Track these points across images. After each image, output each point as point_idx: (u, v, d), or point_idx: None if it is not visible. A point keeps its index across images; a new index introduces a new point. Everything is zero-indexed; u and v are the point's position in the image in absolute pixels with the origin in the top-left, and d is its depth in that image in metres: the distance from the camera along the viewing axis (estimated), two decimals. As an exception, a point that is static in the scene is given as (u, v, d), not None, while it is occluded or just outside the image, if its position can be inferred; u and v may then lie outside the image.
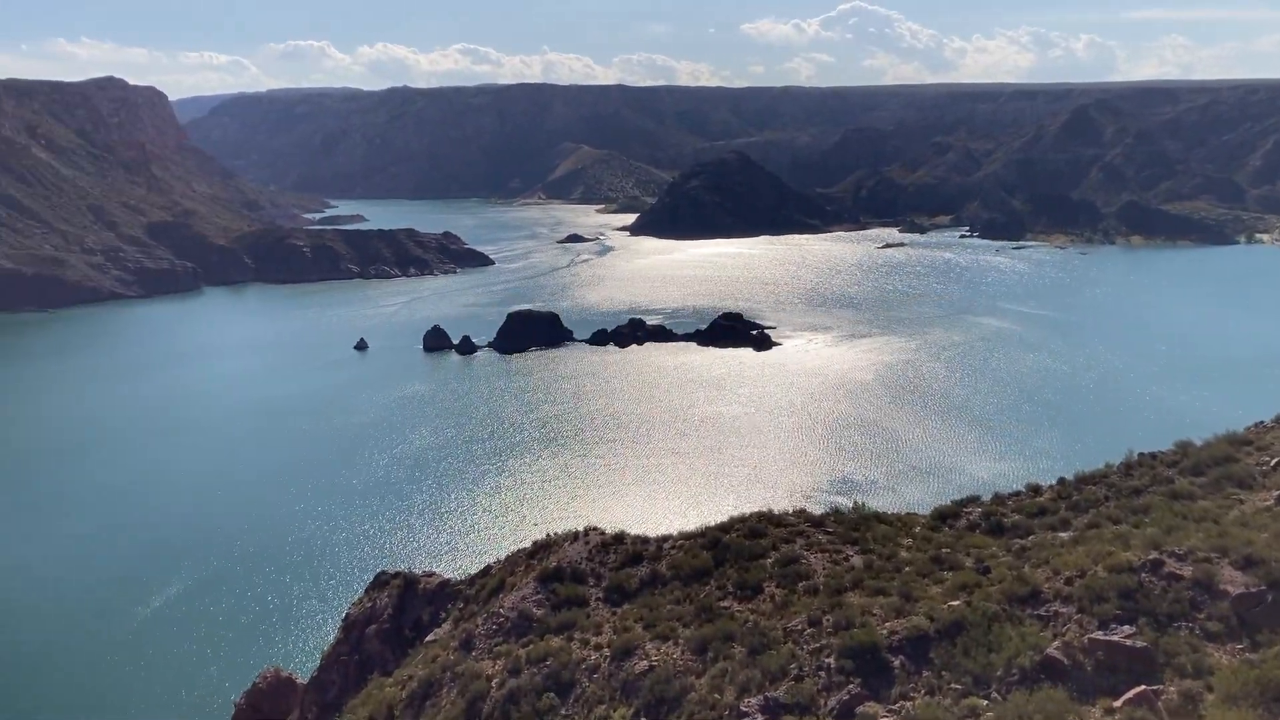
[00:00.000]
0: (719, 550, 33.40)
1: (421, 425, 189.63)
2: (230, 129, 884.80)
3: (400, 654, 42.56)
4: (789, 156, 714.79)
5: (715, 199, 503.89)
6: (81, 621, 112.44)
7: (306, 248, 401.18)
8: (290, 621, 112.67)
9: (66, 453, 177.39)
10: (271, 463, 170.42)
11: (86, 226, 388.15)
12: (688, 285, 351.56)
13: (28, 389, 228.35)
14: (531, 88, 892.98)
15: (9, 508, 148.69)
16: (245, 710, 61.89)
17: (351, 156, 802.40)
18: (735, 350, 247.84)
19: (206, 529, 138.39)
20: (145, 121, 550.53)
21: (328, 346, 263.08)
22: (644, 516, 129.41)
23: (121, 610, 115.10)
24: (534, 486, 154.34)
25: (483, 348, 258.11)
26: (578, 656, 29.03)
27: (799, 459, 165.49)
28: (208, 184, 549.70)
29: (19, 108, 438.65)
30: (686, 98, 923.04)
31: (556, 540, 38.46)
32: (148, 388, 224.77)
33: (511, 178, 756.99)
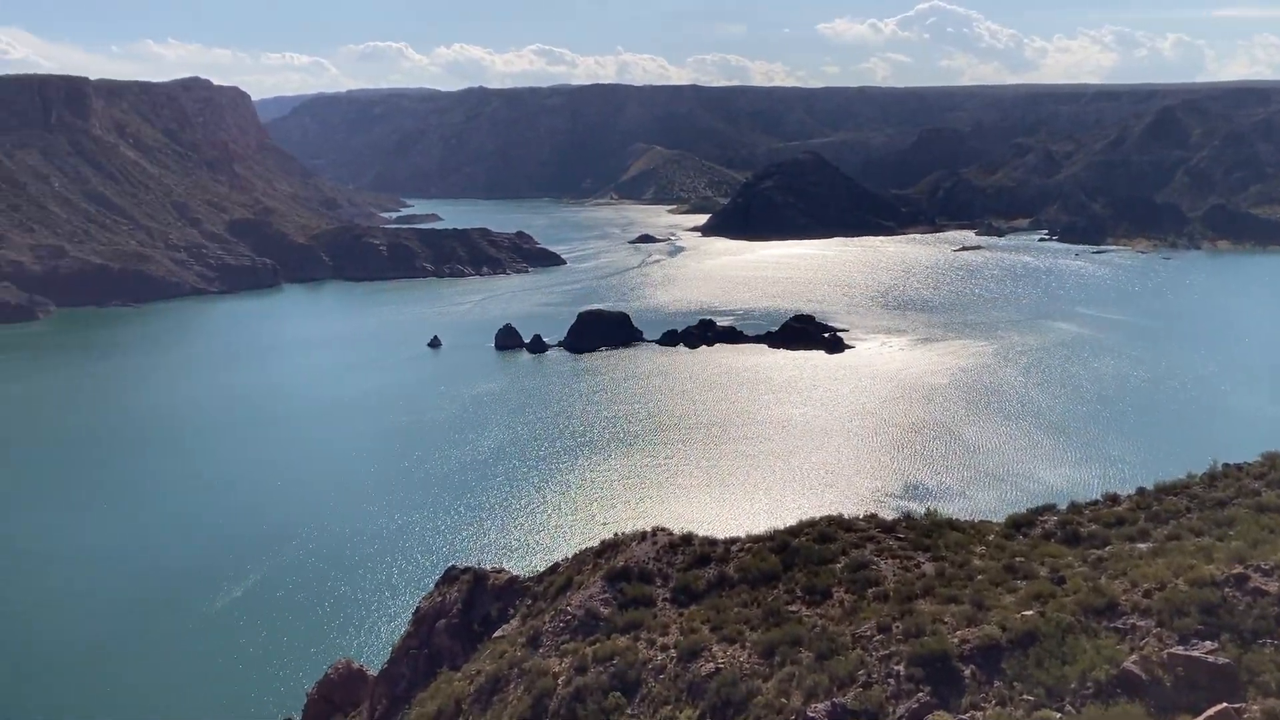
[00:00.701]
0: (788, 554, 33.17)
1: (493, 423, 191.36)
2: (310, 129, 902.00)
3: (469, 649, 42.96)
4: (864, 157, 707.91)
5: (788, 200, 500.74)
6: (163, 609, 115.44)
7: (383, 246, 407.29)
8: (362, 614, 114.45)
9: (151, 443, 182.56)
10: (348, 457, 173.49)
11: (171, 223, 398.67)
12: (759, 286, 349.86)
13: (115, 381, 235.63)
14: (605, 88, 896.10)
15: (97, 497, 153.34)
16: (317, 700, 63.00)
17: (427, 156, 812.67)
18: (807, 353, 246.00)
19: (284, 520, 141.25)
20: (229, 121, 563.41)
21: (402, 343, 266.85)
22: (712, 518, 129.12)
23: (202, 599, 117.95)
24: (603, 486, 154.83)
25: (553, 347, 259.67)
26: (644, 656, 29.03)
27: (870, 463, 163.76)
28: (288, 183, 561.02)
29: (109, 107, 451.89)
30: (760, 98, 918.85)
31: (624, 540, 38.51)
32: (229, 381, 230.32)
33: (584, 178, 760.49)
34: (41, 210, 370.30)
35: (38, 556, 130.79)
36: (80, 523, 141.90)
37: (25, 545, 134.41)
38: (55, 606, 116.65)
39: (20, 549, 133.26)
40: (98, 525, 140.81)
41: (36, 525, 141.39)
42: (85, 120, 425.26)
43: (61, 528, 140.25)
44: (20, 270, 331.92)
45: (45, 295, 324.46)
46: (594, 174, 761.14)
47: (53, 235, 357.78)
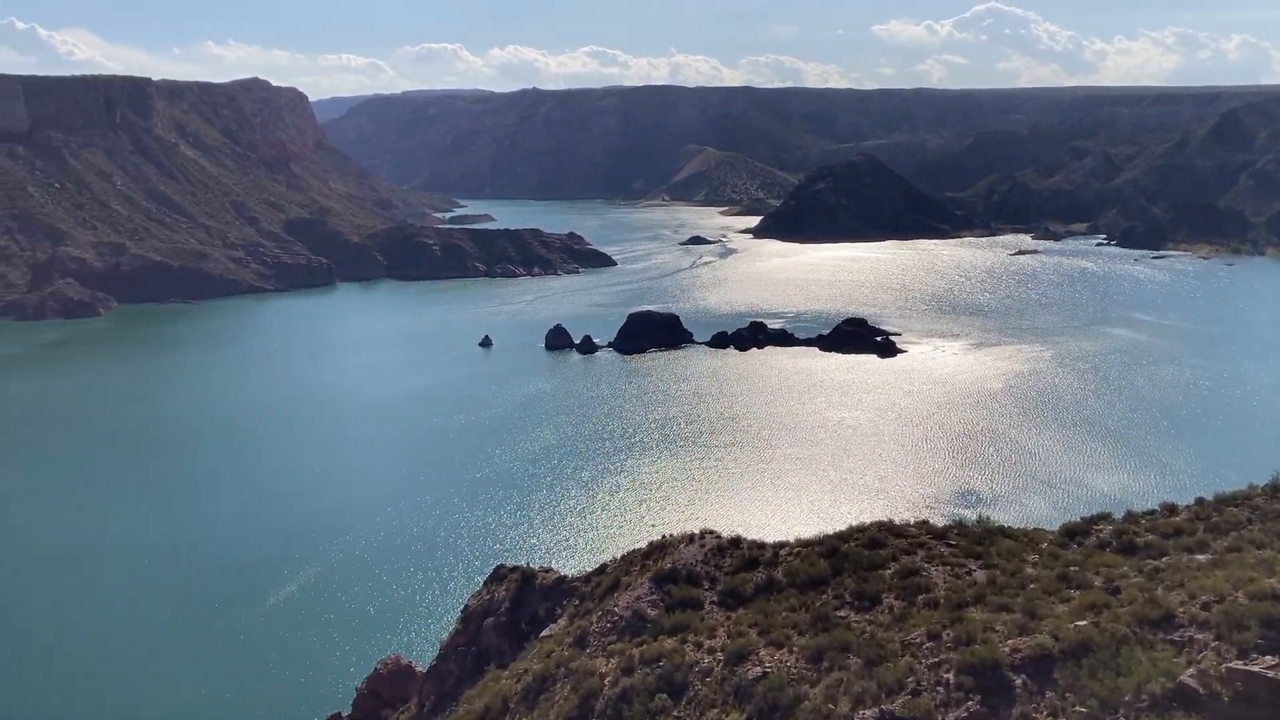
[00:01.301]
0: (837, 559, 32.94)
1: (543, 423, 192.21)
2: (366, 129, 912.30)
3: (516, 647, 43.18)
4: (918, 160, 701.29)
5: (841, 202, 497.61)
6: (220, 603, 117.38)
7: (436, 246, 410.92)
8: (412, 610, 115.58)
9: (208, 439, 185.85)
10: (400, 454, 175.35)
11: (229, 222, 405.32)
12: (811, 289, 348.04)
13: (173, 377, 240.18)
14: (658, 89, 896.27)
15: (157, 491, 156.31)
16: (367, 695, 63.71)
17: (480, 157, 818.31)
18: (858, 356, 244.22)
19: (338, 516, 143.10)
20: (286, 121, 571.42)
21: (454, 342, 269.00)
22: (761, 521, 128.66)
23: (257, 594, 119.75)
24: (651, 487, 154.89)
25: (603, 347, 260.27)
26: (691, 659, 28.99)
27: (922, 469, 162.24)
28: (343, 183, 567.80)
29: (170, 107, 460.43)
30: (814, 99, 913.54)
31: (672, 542, 38.48)
32: (284, 378, 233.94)
33: (635, 179, 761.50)
34: (104, 208, 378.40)
35: (99, 549, 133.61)
36: (140, 517, 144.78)
37: (87, 539, 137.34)
38: (114, 599, 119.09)
39: (82, 542, 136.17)
40: (157, 520, 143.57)
41: (98, 519, 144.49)
42: (147, 120, 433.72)
43: (122, 521, 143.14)
44: (83, 267, 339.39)
45: (107, 291, 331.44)
46: (646, 175, 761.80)
47: (114, 233, 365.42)
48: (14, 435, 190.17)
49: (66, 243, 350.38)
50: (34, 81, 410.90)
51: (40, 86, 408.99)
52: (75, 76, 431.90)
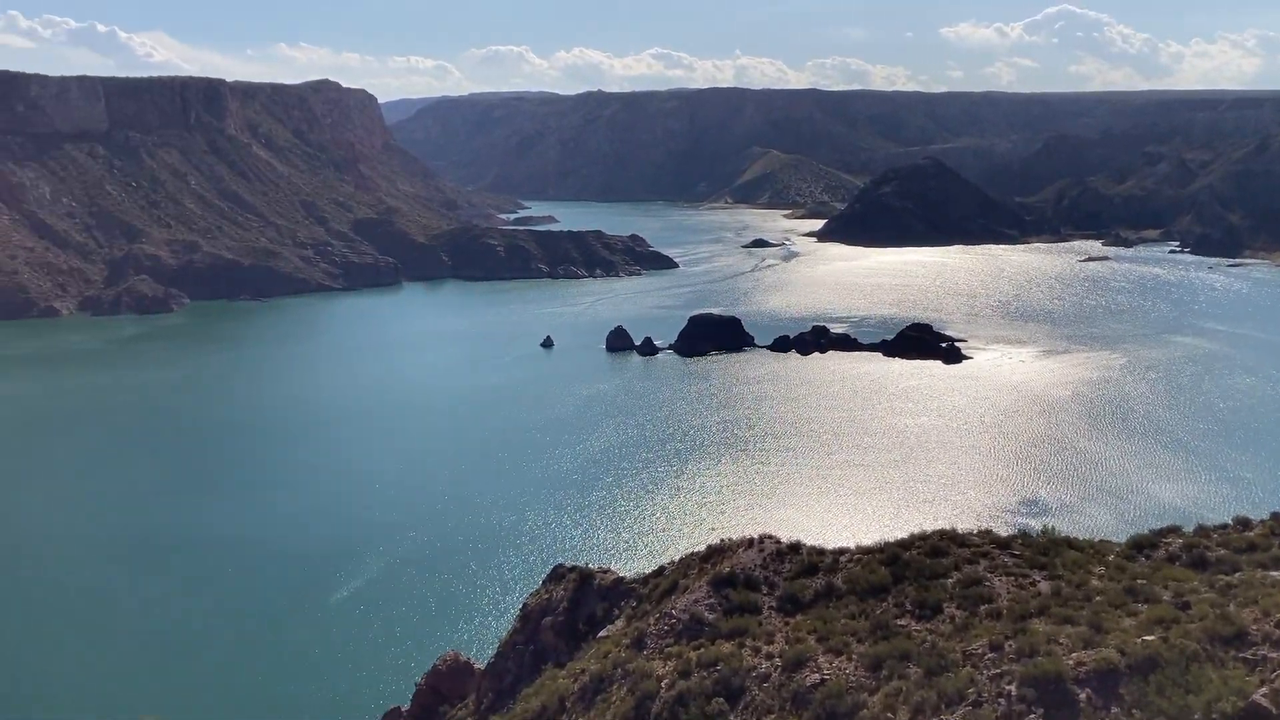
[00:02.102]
0: (898, 567, 32.58)
1: (603, 424, 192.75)
2: (432, 131, 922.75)
3: (574, 647, 43.33)
4: (987, 164, 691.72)
5: (907, 206, 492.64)
6: (285, 596, 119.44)
7: (500, 247, 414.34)
8: (472, 607, 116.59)
9: (278, 433, 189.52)
10: (463, 452, 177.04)
11: (299, 221, 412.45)
12: (875, 293, 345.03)
13: (245, 372, 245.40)
14: (722, 91, 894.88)
15: (227, 484, 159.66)
16: (425, 691, 64.32)
17: (545, 159, 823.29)
18: (923, 362, 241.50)
19: (402, 513, 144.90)
20: (355, 123, 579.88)
21: (516, 342, 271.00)
22: (821, 527, 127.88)
23: (323, 587, 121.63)
24: (711, 491, 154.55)
25: (664, 349, 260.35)
26: (748, 664, 28.86)
27: (987, 477, 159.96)
28: (410, 183, 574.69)
29: (243, 108, 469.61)
30: (881, 102, 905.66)
31: (731, 546, 38.34)
32: (350, 375, 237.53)
33: (699, 181, 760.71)
34: (179, 206, 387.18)
35: (168, 541, 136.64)
36: (210, 509, 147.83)
37: (157, 530, 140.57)
38: (182, 591, 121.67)
39: (152, 534, 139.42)
40: (226, 513, 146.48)
41: (169, 511, 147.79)
42: (221, 121, 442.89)
43: (192, 514, 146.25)
44: (158, 264, 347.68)
45: (180, 288, 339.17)
46: (709, 177, 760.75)
47: (188, 231, 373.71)
48: (93, 428, 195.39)
49: (142, 240, 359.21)
50: (114, 83, 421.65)
51: (120, 87, 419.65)
52: (153, 78, 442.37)
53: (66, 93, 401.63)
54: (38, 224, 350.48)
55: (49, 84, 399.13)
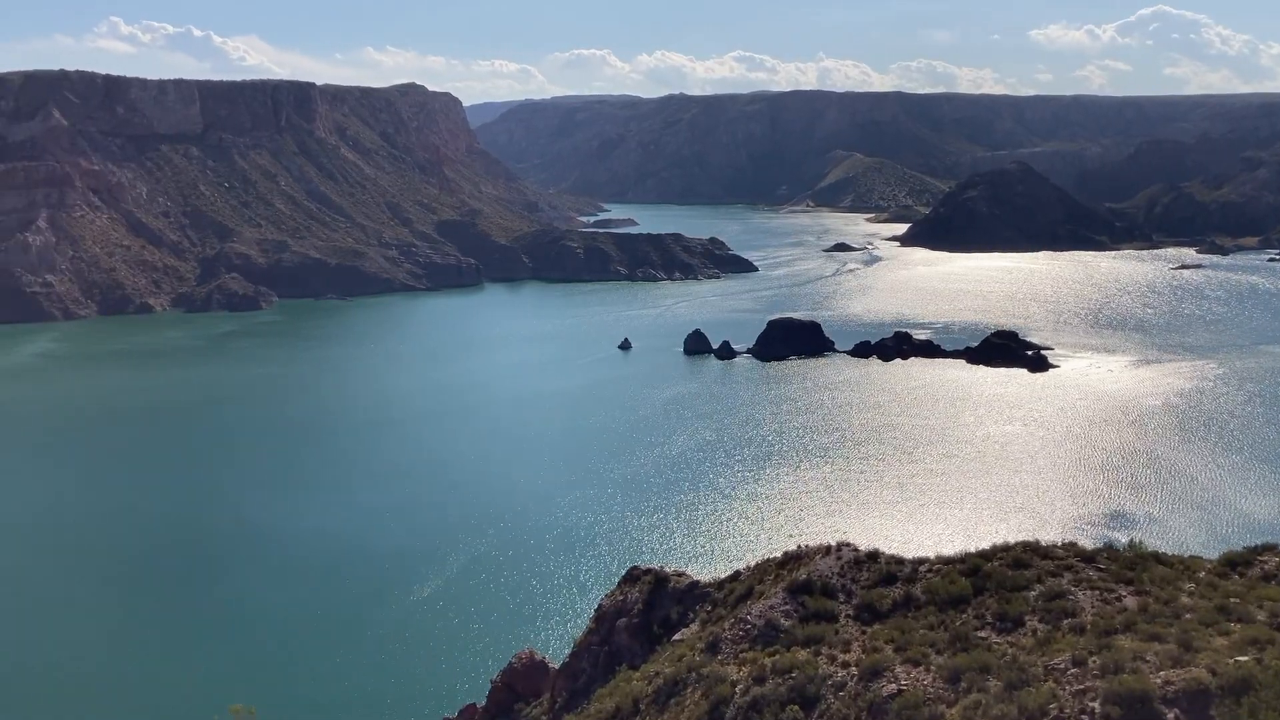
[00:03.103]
0: (979, 578, 32.01)
1: (681, 427, 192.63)
2: (515, 134, 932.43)
3: (648, 649, 43.37)
4: (1076, 168, 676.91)
5: (993, 210, 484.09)
6: (366, 592, 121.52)
7: (580, 249, 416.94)
8: (548, 606, 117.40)
9: (362, 430, 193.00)
10: (542, 452, 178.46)
11: (385, 222, 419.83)
12: (959, 299, 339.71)
13: (333, 370, 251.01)
14: (805, 94, 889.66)
15: (316, 479, 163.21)
16: (500, 688, 64.92)
17: (625, 161, 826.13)
18: (1008, 370, 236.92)
19: (481, 511, 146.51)
20: (440, 126, 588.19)
21: (594, 344, 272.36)
22: (901, 536, 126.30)
23: (403, 584, 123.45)
24: (789, 497, 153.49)
25: (742, 353, 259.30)
26: (824, 672, 28.61)
27: (1072, 488, 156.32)
28: (493, 186, 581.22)
29: (332, 111, 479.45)
30: (967, 105, 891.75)
31: (808, 552, 38.05)
32: (434, 374, 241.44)
33: (780, 184, 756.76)
34: (269, 207, 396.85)
35: (260, 534, 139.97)
36: (299, 504, 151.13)
37: (244, 524, 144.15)
38: (271, 584, 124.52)
39: (239, 528, 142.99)
40: (314, 507, 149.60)
41: (260, 505, 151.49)
42: (310, 123, 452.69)
43: (283, 508, 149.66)
44: (248, 262, 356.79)
45: (268, 286, 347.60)
46: (790, 180, 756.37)
47: (277, 230, 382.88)
48: (189, 421, 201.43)
49: (233, 239, 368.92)
50: (209, 86, 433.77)
51: (214, 91, 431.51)
52: (246, 81, 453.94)
53: (164, 96, 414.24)
54: (135, 223, 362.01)
55: (147, 87, 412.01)
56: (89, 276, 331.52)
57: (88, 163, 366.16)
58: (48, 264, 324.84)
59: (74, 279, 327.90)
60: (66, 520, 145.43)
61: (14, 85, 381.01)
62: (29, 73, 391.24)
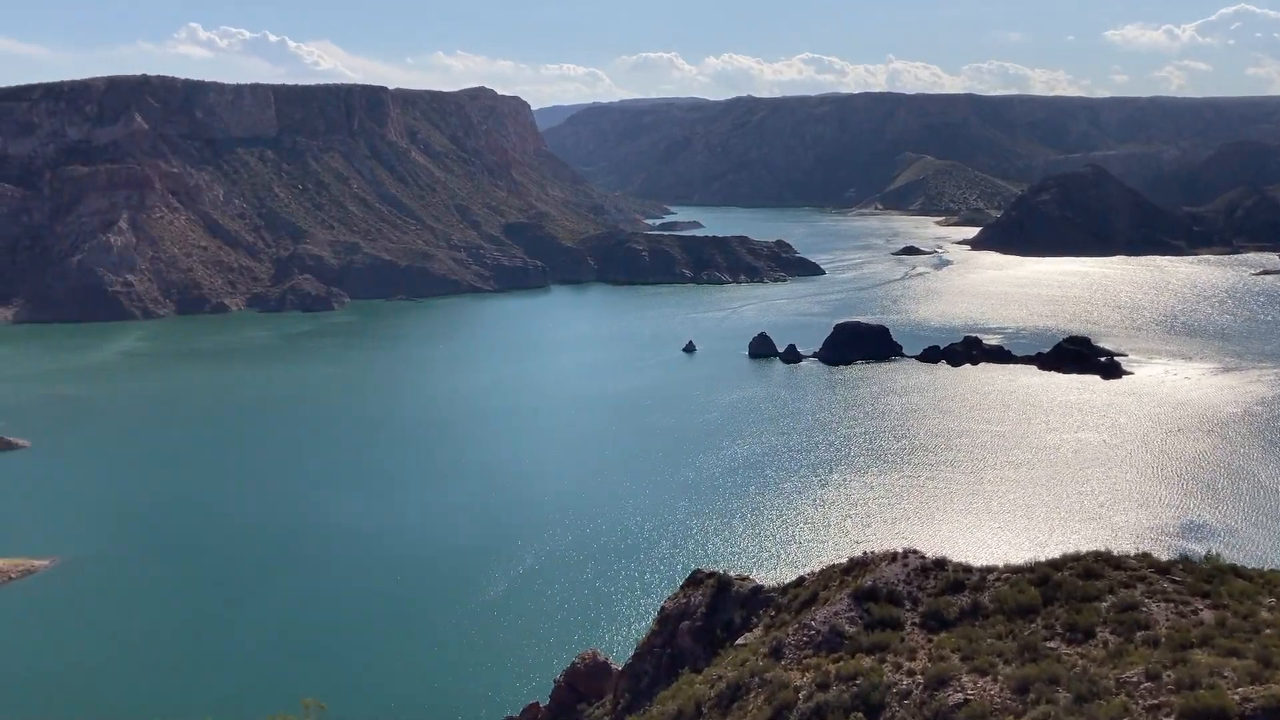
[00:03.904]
0: (1048, 588, 31.49)
1: (746, 431, 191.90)
2: (583, 137, 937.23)
3: (710, 652, 43.35)
4: (1153, 172, 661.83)
5: (1067, 214, 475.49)
6: (436, 588, 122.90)
7: (645, 251, 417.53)
8: (612, 608, 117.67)
9: (430, 429, 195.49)
10: (606, 454, 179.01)
11: (453, 225, 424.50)
12: (1030, 304, 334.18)
13: (404, 369, 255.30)
14: (875, 96, 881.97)
15: (387, 476, 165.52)
16: (564, 688, 65.36)
17: (692, 164, 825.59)
18: (1080, 376, 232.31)
19: (547, 511, 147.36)
20: (509, 129, 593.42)
21: (659, 346, 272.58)
22: (968, 544, 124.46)
23: (471, 581, 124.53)
24: (855, 503, 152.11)
25: (808, 357, 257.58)
26: (889, 679, 28.35)
27: (1147, 497, 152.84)
28: (560, 188, 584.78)
29: (403, 115, 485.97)
30: (1040, 107, 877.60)
31: (874, 559, 37.77)
32: (501, 374, 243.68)
33: (848, 187, 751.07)
34: (341, 209, 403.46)
35: (332, 530, 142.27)
36: (369, 500, 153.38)
37: (324, 520, 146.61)
38: (344, 580, 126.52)
39: (318, 523, 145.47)
40: (384, 505, 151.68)
41: (334, 501, 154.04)
42: (382, 127, 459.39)
43: (354, 504, 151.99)
44: (320, 264, 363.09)
45: (341, 287, 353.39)
46: (859, 183, 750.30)
47: (349, 232, 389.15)
48: (266, 418, 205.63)
49: (306, 241, 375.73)
50: (283, 90, 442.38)
51: (289, 95, 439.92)
52: (320, 85, 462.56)
53: (240, 100, 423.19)
54: (211, 224, 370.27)
55: (225, 92, 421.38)
56: (167, 276, 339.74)
57: (167, 165, 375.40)
58: (128, 264, 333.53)
59: (153, 279, 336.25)
60: (148, 513, 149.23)
61: (98, 91, 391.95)
62: (112, 78, 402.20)
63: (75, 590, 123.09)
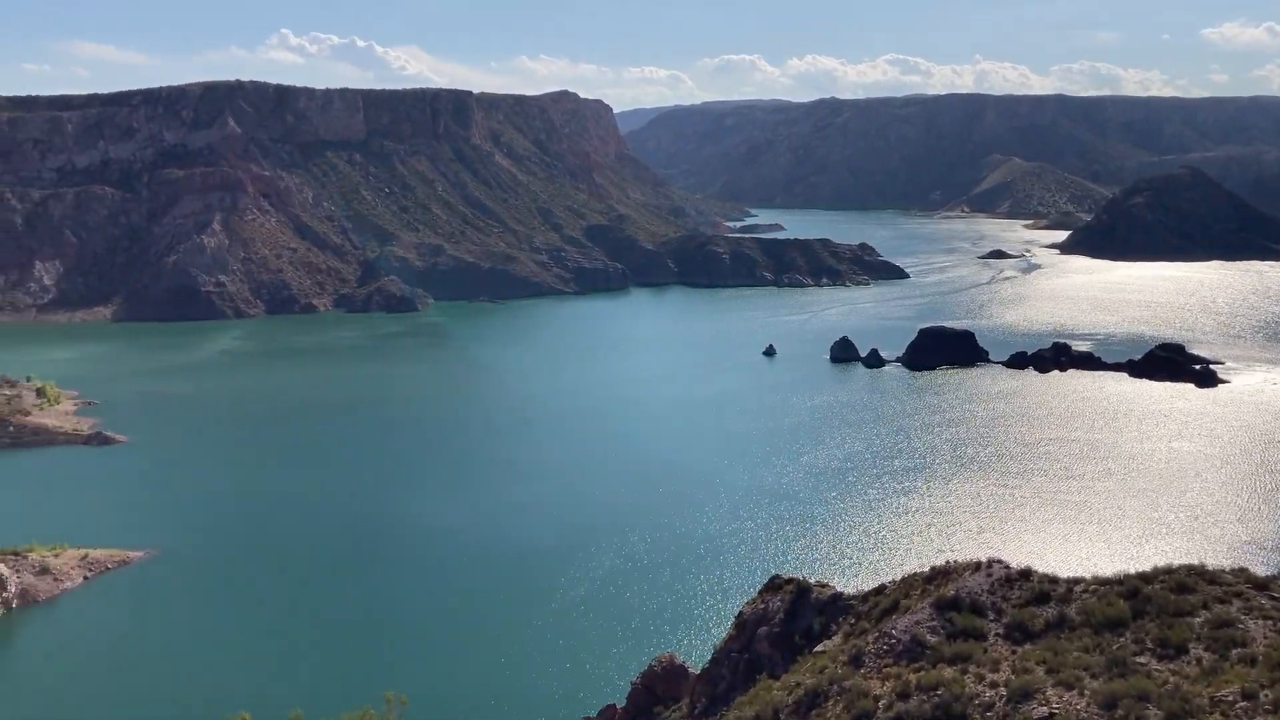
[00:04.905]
0: (1138, 601, 30.66)
1: (828, 436, 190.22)
2: (664, 140, 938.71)
3: (789, 659, 43.02)
4: (1253, 174, 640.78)
5: (1160, 218, 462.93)
6: (515, 589, 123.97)
7: (725, 254, 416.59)
8: (689, 611, 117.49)
9: (511, 428, 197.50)
10: (685, 457, 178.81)
11: (535, 227, 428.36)
12: (1121, 310, 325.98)
13: (488, 369, 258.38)
14: (961, 98, 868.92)
15: (471, 475, 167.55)
16: (640, 690, 65.43)
17: (774, 166, 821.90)
18: (1173, 385, 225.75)
19: (627, 513, 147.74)
20: (591, 132, 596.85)
21: (739, 349, 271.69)
22: (1055, 554, 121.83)
23: (550, 582, 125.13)
24: (939, 511, 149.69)
25: (891, 362, 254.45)
26: (971, 691, 27.86)
27: (1244, 510, 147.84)
28: (640, 191, 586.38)
29: (487, 118, 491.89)
30: (1133, 108, 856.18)
31: (957, 568, 37.18)
32: (582, 375, 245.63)
33: (933, 189, 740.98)
34: (426, 212, 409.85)
35: (417, 527, 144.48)
36: (453, 498, 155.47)
37: (407, 518, 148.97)
38: (426, 579, 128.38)
39: (402, 521, 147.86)
40: (468, 502, 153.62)
41: (418, 499, 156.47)
42: (467, 130, 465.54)
43: (437, 502, 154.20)
44: (406, 265, 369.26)
45: (425, 288, 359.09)
46: (945, 186, 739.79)
47: (434, 234, 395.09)
48: (355, 416, 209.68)
49: (392, 243, 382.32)
50: (371, 95, 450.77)
51: (376, 99, 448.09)
52: (406, 90, 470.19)
53: (330, 104, 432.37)
54: (301, 226, 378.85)
55: (315, 96, 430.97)
56: (258, 277, 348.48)
57: (259, 168, 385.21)
58: (221, 265, 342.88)
59: (244, 279, 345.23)
60: (240, 508, 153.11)
61: (194, 96, 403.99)
62: (208, 84, 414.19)
63: (168, 581, 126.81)
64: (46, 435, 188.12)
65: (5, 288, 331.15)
